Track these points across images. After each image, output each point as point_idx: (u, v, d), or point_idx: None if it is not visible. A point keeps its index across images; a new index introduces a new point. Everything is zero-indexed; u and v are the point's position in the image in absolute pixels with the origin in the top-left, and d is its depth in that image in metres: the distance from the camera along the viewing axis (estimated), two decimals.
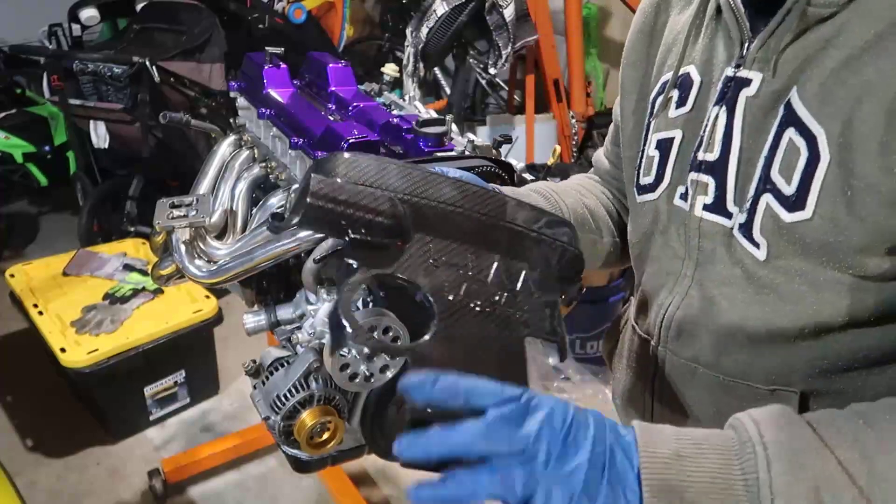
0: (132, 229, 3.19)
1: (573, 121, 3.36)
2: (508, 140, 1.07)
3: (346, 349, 1.02)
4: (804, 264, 0.65)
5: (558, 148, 1.10)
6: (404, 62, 2.86)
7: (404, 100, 1.40)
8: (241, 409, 2.47)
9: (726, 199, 0.71)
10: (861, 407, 0.58)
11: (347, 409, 1.15)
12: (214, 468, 2.17)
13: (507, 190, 0.85)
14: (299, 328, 1.10)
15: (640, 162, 0.83)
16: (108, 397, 2.25)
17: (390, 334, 1.05)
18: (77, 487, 2.15)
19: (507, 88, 3.95)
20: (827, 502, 0.51)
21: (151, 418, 2.37)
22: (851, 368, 0.67)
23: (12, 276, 2.48)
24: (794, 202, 0.63)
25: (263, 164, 1.29)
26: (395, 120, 1.18)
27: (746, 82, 0.69)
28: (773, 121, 0.66)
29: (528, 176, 1.16)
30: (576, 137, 3.37)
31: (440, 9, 2.75)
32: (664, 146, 0.78)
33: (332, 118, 1.29)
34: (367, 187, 0.66)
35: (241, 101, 1.41)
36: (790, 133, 0.64)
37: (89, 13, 3.15)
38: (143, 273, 2.51)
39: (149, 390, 2.31)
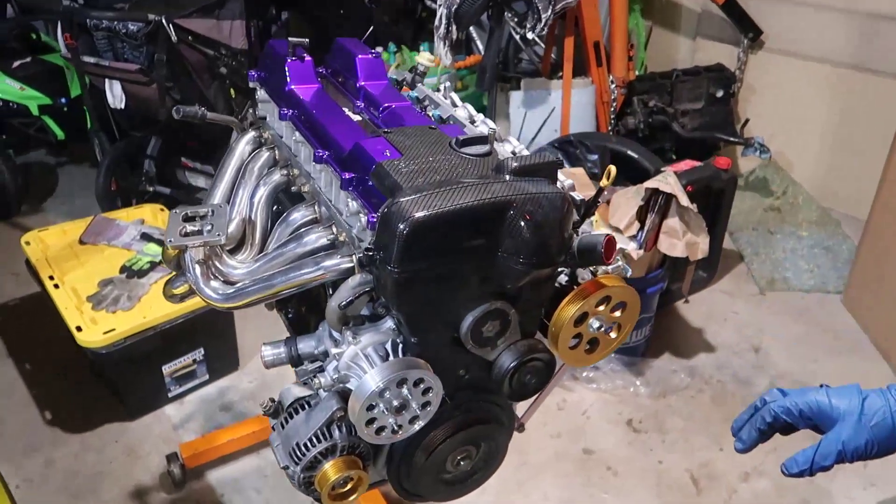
0: (150, 189, 3.10)
1: (612, 86, 3.17)
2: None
3: (373, 403, 0.92)
4: None
5: (613, 169, 0.95)
6: (436, 23, 2.68)
7: (436, 75, 1.27)
8: (261, 387, 2.41)
9: None
10: None
11: (373, 454, 1.07)
12: (233, 454, 2.12)
13: None
14: (321, 370, 1.00)
15: None
16: (125, 376, 2.20)
17: (422, 386, 0.95)
18: (94, 468, 2.12)
19: (542, 44, 3.73)
20: None
21: (170, 395, 2.32)
22: None
23: (28, 243, 2.41)
24: None
25: (285, 171, 1.17)
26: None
27: None
28: None
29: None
30: (614, 104, 3.19)
31: None
32: None
33: (359, 119, 1.16)
34: None
35: (261, 94, 1.28)
36: None
37: None
38: (161, 243, 2.42)
39: (167, 368, 2.25)
